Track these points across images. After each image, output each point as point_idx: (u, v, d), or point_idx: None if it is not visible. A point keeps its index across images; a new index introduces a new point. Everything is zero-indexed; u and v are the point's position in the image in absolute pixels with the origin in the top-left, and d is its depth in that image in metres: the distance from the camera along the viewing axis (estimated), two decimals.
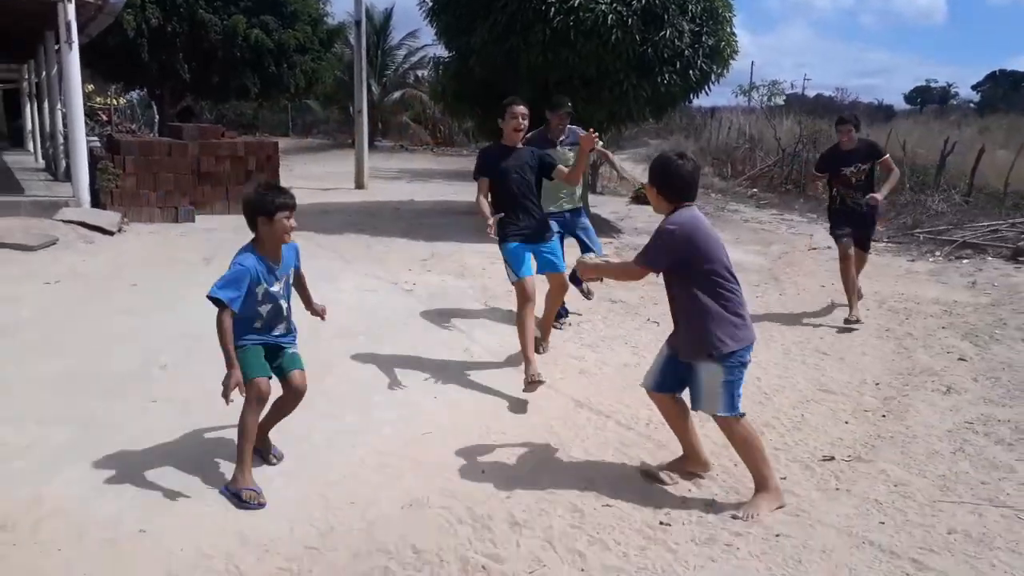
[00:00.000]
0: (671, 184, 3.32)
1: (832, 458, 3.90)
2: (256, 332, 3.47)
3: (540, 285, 5.15)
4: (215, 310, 3.24)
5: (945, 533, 3.15)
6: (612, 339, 5.89)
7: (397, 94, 31.01)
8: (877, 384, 5.08)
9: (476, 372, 5.13)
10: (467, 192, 15.52)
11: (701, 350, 3.30)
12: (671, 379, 3.51)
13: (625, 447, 4.03)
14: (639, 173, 14.24)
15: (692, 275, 3.28)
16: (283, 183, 12.26)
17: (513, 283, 5.00)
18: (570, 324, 6.25)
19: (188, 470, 3.57)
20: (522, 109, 4.96)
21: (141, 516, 3.19)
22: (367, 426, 4.14)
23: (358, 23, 16.42)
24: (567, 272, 5.29)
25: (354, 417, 4.28)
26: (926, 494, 3.49)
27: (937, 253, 9.64)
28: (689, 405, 3.51)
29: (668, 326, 3.58)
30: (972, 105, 57.59)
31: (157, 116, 19.40)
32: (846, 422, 4.43)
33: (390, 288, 7.31)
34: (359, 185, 16.10)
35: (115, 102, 20.17)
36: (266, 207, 3.34)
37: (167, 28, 17.83)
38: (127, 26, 16.72)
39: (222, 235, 9.81)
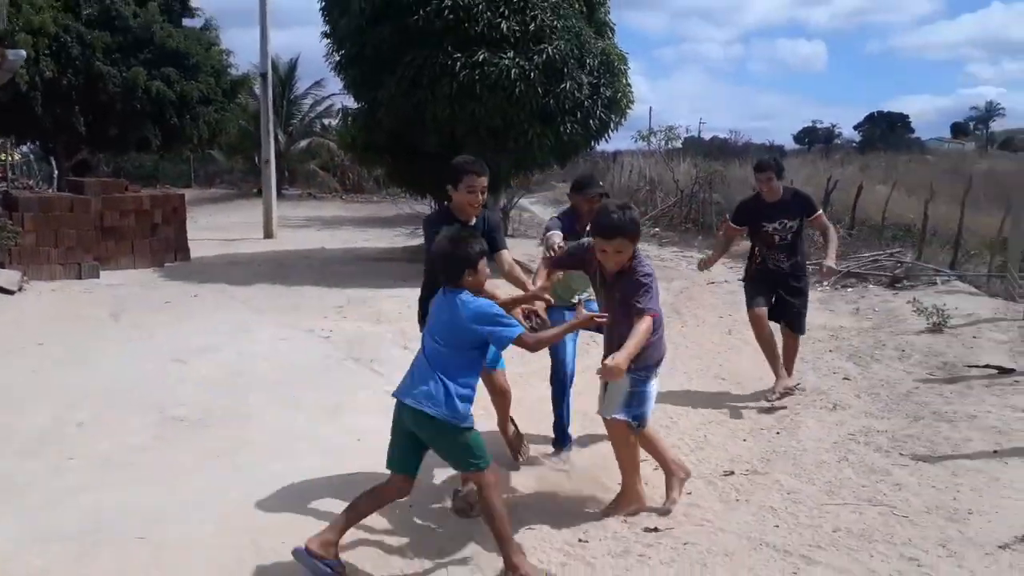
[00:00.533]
0: (639, 230, 3.58)
1: (732, 473, 4.23)
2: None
3: None
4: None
5: (831, 531, 3.49)
6: (530, 375, 6.12)
7: (304, 143, 30.91)
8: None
9: None
10: (379, 239, 15.67)
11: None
12: None
13: (545, 474, 4.27)
14: (548, 214, 14.63)
15: None
16: (189, 235, 12.30)
17: None
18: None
19: (112, 522, 3.59)
20: (483, 182, 3.92)
21: (68, 570, 3.20)
22: (293, 473, 4.20)
23: (264, 75, 16.44)
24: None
25: (279, 466, 4.32)
26: (815, 499, 3.85)
27: (825, 283, 10.35)
28: (636, 434, 3.72)
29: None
30: (854, 144, 61.72)
31: (56, 171, 18.74)
32: (744, 440, 4.80)
33: (306, 336, 7.37)
34: (268, 234, 16.00)
35: (11, 157, 19.37)
36: (472, 259, 3.13)
37: (62, 81, 17.39)
38: (19, 79, 16.23)
39: (128, 290, 9.64)
